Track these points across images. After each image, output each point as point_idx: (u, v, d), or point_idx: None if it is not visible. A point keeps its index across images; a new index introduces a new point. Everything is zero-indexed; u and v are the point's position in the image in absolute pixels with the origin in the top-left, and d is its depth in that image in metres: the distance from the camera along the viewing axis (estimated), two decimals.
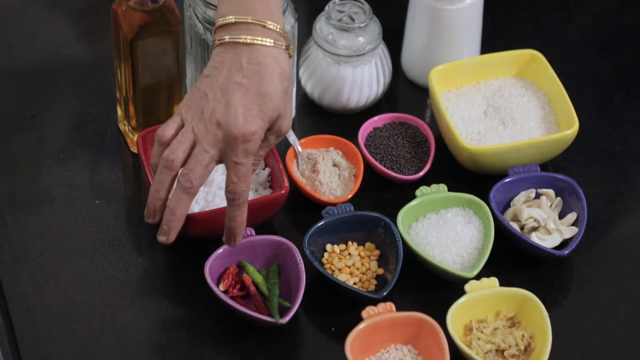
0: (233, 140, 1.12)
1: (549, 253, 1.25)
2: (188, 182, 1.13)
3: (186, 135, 1.14)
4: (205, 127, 1.13)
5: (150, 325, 1.20)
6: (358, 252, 1.26)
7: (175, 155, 1.14)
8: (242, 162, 1.13)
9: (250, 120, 1.12)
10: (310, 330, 1.21)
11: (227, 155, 1.13)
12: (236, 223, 1.16)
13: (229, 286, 1.22)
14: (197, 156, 1.13)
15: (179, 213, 1.15)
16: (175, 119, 1.16)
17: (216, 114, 1.13)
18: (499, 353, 1.18)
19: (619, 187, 1.35)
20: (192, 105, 1.15)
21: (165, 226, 1.16)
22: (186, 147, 1.14)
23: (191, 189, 1.14)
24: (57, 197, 1.31)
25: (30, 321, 1.19)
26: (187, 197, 1.14)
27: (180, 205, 1.14)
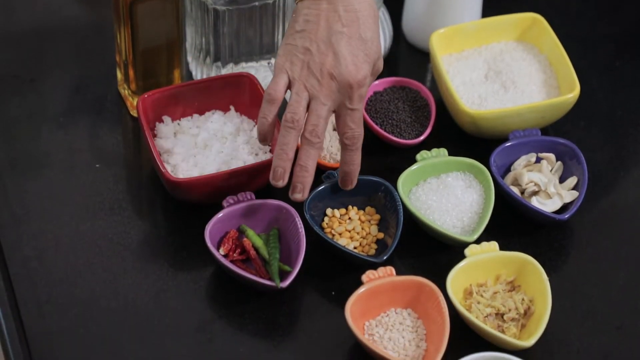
0: (348, 89, 1.15)
1: (549, 217, 1.25)
2: (316, 137, 1.16)
3: (301, 94, 1.16)
4: (318, 81, 1.15)
5: (150, 289, 1.20)
6: (358, 216, 1.27)
7: (299, 115, 1.16)
8: (357, 107, 1.17)
9: (360, 66, 1.16)
10: (310, 294, 1.21)
11: (342, 104, 1.16)
12: (354, 166, 1.20)
13: (229, 250, 1.22)
14: (317, 111, 1.16)
15: (311, 168, 1.17)
16: (281, 77, 1.18)
17: (326, 66, 1.15)
18: (499, 317, 1.18)
19: (620, 151, 1.35)
20: (294, 61, 1.17)
21: (299, 184, 1.17)
22: (304, 105, 1.16)
23: (319, 143, 1.17)
24: (57, 161, 1.31)
25: (31, 285, 1.20)
26: (316, 152, 1.17)
27: (310, 160, 1.17)
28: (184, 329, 1.17)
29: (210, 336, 1.17)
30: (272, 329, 1.18)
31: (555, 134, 1.34)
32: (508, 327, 1.17)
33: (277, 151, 1.17)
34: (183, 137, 1.30)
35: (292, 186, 1.18)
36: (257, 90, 1.31)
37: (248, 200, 1.24)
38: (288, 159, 1.17)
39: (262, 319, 1.19)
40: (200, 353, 1.15)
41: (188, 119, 1.32)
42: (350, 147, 1.19)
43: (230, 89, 1.33)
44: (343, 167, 1.21)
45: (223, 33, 1.33)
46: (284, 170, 1.17)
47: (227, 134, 1.30)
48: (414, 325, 1.18)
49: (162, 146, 1.28)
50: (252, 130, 1.32)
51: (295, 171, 1.18)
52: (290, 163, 1.17)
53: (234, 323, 1.18)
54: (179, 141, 1.29)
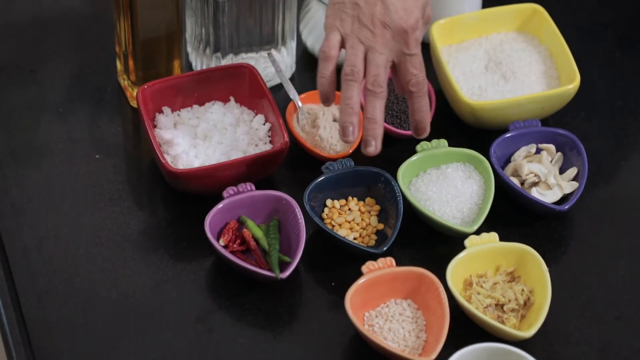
0: (403, 35, 1.16)
1: (549, 208, 1.25)
2: (378, 86, 1.16)
3: (356, 47, 1.16)
4: (371, 32, 1.16)
5: (150, 280, 1.20)
6: (358, 207, 1.26)
7: (358, 67, 1.16)
8: (416, 52, 1.17)
9: (410, 10, 1.16)
10: (310, 285, 1.21)
11: (400, 51, 1.17)
12: (424, 112, 1.19)
13: (229, 241, 1.22)
14: (375, 60, 1.16)
15: (379, 118, 1.17)
16: (333, 35, 1.18)
17: (377, 16, 1.16)
18: (499, 307, 1.18)
19: (620, 141, 1.35)
20: (344, 18, 1.17)
21: (370, 137, 1.17)
22: (361, 57, 1.16)
23: (383, 92, 1.17)
24: (57, 151, 1.31)
25: (30, 275, 1.20)
26: (381, 102, 1.17)
27: (377, 111, 1.17)
28: (184, 319, 1.17)
29: (210, 327, 1.17)
30: (272, 320, 1.18)
31: (555, 125, 1.34)
32: (508, 318, 1.17)
33: (342, 107, 1.17)
34: (183, 127, 1.30)
35: (363, 141, 1.18)
36: (257, 81, 1.31)
37: (248, 191, 1.24)
38: (354, 112, 1.17)
39: (262, 310, 1.19)
40: (199, 343, 1.16)
41: (188, 110, 1.32)
42: (416, 94, 1.18)
43: (230, 79, 1.32)
44: (414, 116, 1.20)
45: (223, 23, 1.32)
46: (353, 125, 1.17)
47: (227, 125, 1.30)
48: (414, 316, 1.18)
49: (162, 137, 1.28)
50: (252, 121, 1.32)
51: (365, 125, 1.17)
52: (357, 117, 1.17)
53: (234, 314, 1.18)
54: (179, 132, 1.29)
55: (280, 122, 1.28)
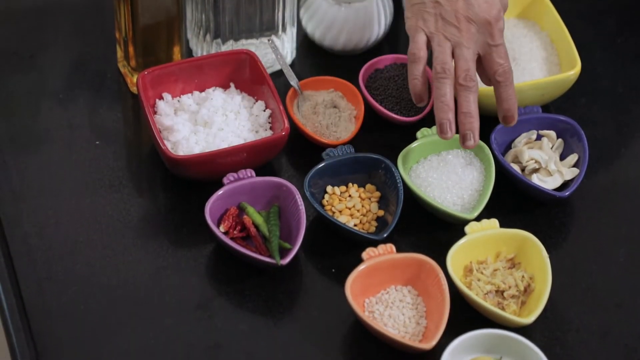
0: (488, 27, 1.17)
1: (550, 194, 1.25)
2: (471, 80, 1.17)
3: (443, 44, 1.17)
4: (456, 28, 1.17)
5: (150, 266, 1.21)
6: (358, 193, 1.26)
7: (448, 64, 1.17)
8: (500, 42, 1.19)
9: (491, 2, 1.18)
10: (310, 271, 1.21)
11: (485, 43, 1.18)
12: (512, 101, 1.20)
13: (230, 227, 1.22)
14: (464, 55, 1.17)
15: (474, 112, 1.18)
16: (419, 35, 1.19)
17: (460, 11, 1.17)
18: (499, 294, 1.18)
19: (621, 128, 1.35)
20: (426, 18, 1.18)
21: (468, 132, 1.18)
22: (449, 53, 1.18)
23: (475, 85, 1.18)
24: (57, 137, 1.31)
25: (30, 261, 1.20)
26: (474, 95, 1.18)
27: (472, 105, 1.18)
28: (184, 305, 1.17)
29: (210, 313, 1.17)
30: (272, 306, 1.18)
31: (556, 111, 1.34)
32: (508, 304, 1.17)
33: (437, 104, 1.18)
34: (183, 114, 1.30)
35: (461, 135, 1.18)
36: (258, 67, 1.31)
37: (248, 178, 1.24)
38: (450, 109, 1.17)
39: (262, 296, 1.19)
40: (200, 330, 1.16)
41: (188, 96, 1.32)
42: (504, 83, 1.19)
43: (230, 66, 1.32)
44: (502, 105, 1.20)
45: (223, 9, 1.32)
46: (450, 121, 1.17)
47: (227, 112, 1.30)
48: (414, 303, 1.18)
49: (162, 123, 1.28)
50: (253, 107, 1.31)
51: (460, 120, 1.18)
52: (453, 113, 1.18)
53: (234, 300, 1.18)
54: (179, 118, 1.29)
55: (281, 109, 1.27)
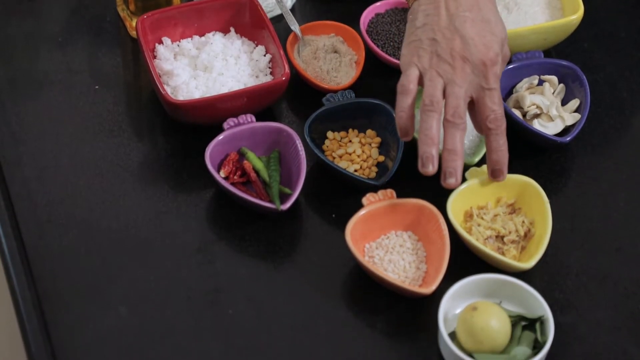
0: (483, 69, 1.13)
1: (551, 140, 1.24)
2: (458, 117, 1.13)
3: (435, 80, 1.13)
4: (450, 66, 1.13)
5: (151, 211, 1.21)
6: (359, 139, 1.26)
7: (437, 97, 1.13)
8: (495, 86, 1.14)
9: (489, 45, 1.14)
10: (310, 216, 1.21)
11: (479, 86, 1.14)
12: (502, 153, 1.15)
13: (230, 172, 1.22)
14: (455, 93, 1.13)
15: (459, 150, 1.13)
16: (411, 70, 1.15)
17: (456, 50, 1.13)
18: (499, 239, 1.18)
19: (623, 73, 1.34)
20: (421, 54, 1.14)
21: (450, 169, 1.13)
22: (440, 88, 1.13)
23: (463, 124, 1.13)
24: (56, 81, 1.30)
25: (31, 204, 1.20)
26: (461, 134, 1.13)
27: (457, 143, 1.13)
28: (184, 250, 1.18)
29: (211, 257, 1.17)
30: (273, 251, 1.18)
31: (558, 56, 1.33)
32: (508, 249, 1.17)
33: (421, 137, 1.13)
34: (183, 59, 1.29)
35: (442, 172, 1.14)
36: (258, 12, 1.30)
37: (249, 123, 1.23)
38: (433, 143, 1.13)
39: (263, 241, 1.19)
40: (200, 274, 1.16)
41: (188, 41, 1.31)
42: (495, 131, 1.14)
43: (230, 10, 1.31)
44: (491, 156, 1.15)
45: None
46: (432, 156, 1.13)
47: (227, 56, 1.30)
48: (414, 248, 1.18)
49: (162, 68, 1.27)
50: (253, 52, 1.31)
51: (444, 156, 1.13)
52: (436, 147, 1.13)
53: (235, 245, 1.19)
54: (179, 63, 1.28)
55: (281, 54, 1.27)
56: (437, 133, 1.13)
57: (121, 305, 1.13)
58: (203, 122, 1.25)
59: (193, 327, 1.12)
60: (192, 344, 1.11)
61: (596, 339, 1.12)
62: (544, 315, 1.10)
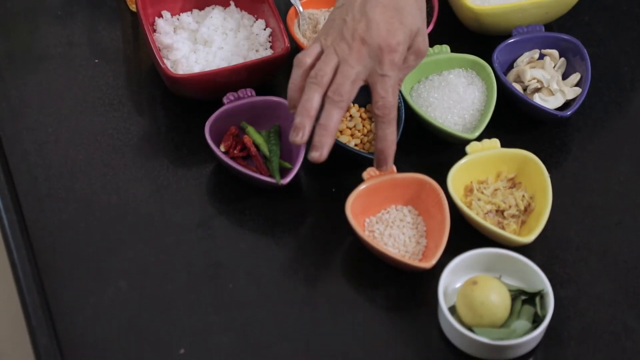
0: (379, 53, 1.12)
1: (552, 114, 1.24)
2: (338, 95, 1.11)
3: (329, 56, 1.12)
4: (348, 46, 1.12)
5: (151, 185, 1.21)
6: (359, 113, 1.26)
7: (324, 72, 1.12)
8: (389, 74, 1.12)
9: (393, 32, 1.12)
10: (311, 191, 1.21)
11: (373, 70, 1.12)
12: (387, 142, 1.13)
13: (230, 147, 1.21)
14: (344, 72, 1.12)
15: (331, 128, 1.11)
16: (314, 46, 1.14)
17: (358, 31, 1.12)
18: (499, 213, 1.18)
19: (624, 47, 1.34)
20: (329, 32, 1.14)
21: (317, 143, 1.11)
22: (332, 66, 1.12)
23: (341, 102, 1.11)
24: (56, 55, 1.30)
25: (31, 178, 1.20)
26: (338, 112, 1.11)
27: (331, 120, 1.11)
28: (185, 224, 1.18)
29: (211, 232, 1.17)
30: (273, 226, 1.18)
31: (559, 30, 1.33)
32: (508, 224, 1.17)
33: (299, 108, 1.12)
34: (183, 32, 1.29)
35: (311, 145, 1.12)
36: None
37: (249, 97, 1.23)
38: (309, 115, 1.11)
39: (263, 216, 1.19)
40: (200, 248, 1.16)
41: (188, 14, 1.31)
42: (381, 119, 1.12)
43: None
44: (376, 144, 1.13)
45: None
46: (304, 126, 1.11)
47: (227, 30, 1.29)
48: (415, 222, 1.18)
49: (162, 42, 1.27)
50: (253, 26, 1.30)
51: (316, 130, 1.12)
52: (311, 120, 1.12)
53: (235, 219, 1.19)
54: (179, 37, 1.28)
55: (281, 28, 1.26)
56: (316, 106, 1.11)
57: (121, 279, 1.13)
58: (203, 97, 1.25)
59: (193, 301, 1.12)
60: (193, 318, 1.11)
61: (596, 312, 1.12)
62: (543, 289, 1.10)
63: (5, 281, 1.18)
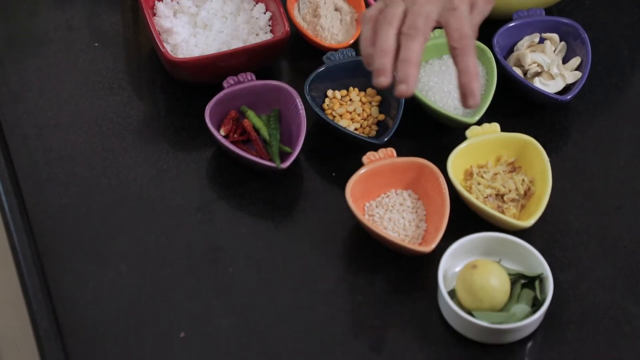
0: None
1: (552, 98, 1.24)
2: (414, 29, 1.07)
3: (396, 2, 1.09)
4: None
5: (151, 169, 1.21)
6: (359, 97, 1.26)
7: (393, 13, 1.08)
8: (460, 7, 1.08)
9: None
10: (311, 175, 1.21)
11: (444, 8, 1.08)
12: (470, 74, 1.07)
13: (230, 131, 1.21)
14: (415, 11, 1.08)
15: (413, 59, 1.07)
16: (377, 3, 1.10)
17: None
18: (499, 197, 1.18)
19: (624, 31, 1.34)
20: None
21: (402, 76, 1.06)
22: (401, 9, 1.08)
23: (418, 35, 1.07)
24: (56, 39, 1.30)
25: (31, 162, 1.20)
26: (417, 44, 1.07)
27: (412, 52, 1.07)
28: (185, 208, 1.18)
29: (211, 216, 1.17)
30: (273, 210, 1.18)
31: (560, 14, 1.33)
32: (508, 208, 1.17)
33: (376, 51, 1.07)
34: (183, 16, 1.29)
35: (396, 81, 1.07)
36: None
37: (249, 81, 1.23)
38: (387, 55, 1.07)
39: (263, 200, 1.19)
40: (200, 232, 1.16)
41: None
42: (460, 50, 1.07)
43: None
44: (460, 79, 1.07)
45: None
46: (385, 68, 1.07)
47: (227, 14, 1.29)
48: (414, 206, 1.18)
49: (162, 25, 1.27)
50: (253, 9, 1.30)
51: (397, 66, 1.07)
52: (391, 59, 1.07)
53: (235, 203, 1.19)
54: (179, 20, 1.28)
55: (281, 11, 1.26)
56: (392, 44, 1.07)
57: (121, 263, 1.13)
58: (203, 80, 1.25)
59: (193, 285, 1.12)
60: (192, 302, 1.11)
61: (595, 297, 1.13)
62: (543, 273, 1.10)
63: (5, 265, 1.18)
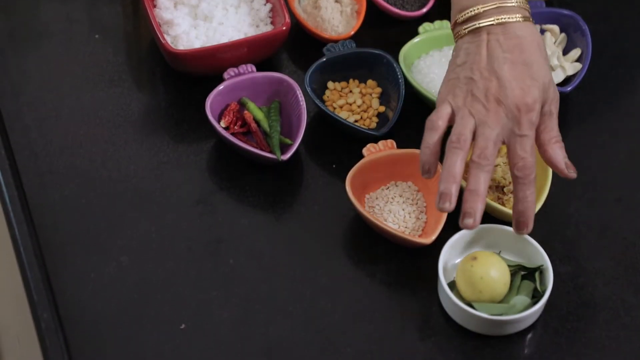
0: (516, 113, 1.08)
1: None
2: (484, 159, 1.08)
3: (466, 119, 1.09)
4: (484, 107, 1.08)
5: (151, 161, 1.21)
6: (359, 89, 1.26)
7: (465, 135, 1.08)
8: (528, 134, 1.09)
9: (527, 90, 1.08)
10: (311, 167, 1.22)
11: (511, 131, 1.09)
12: (528, 204, 1.09)
13: (230, 123, 1.22)
14: (485, 134, 1.08)
15: (481, 192, 1.08)
16: (443, 107, 1.10)
17: (492, 91, 1.08)
18: (499, 189, 1.19)
19: (625, 22, 1.34)
20: (457, 93, 1.10)
21: (470, 209, 1.07)
22: (470, 128, 1.09)
23: (488, 166, 1.08)
24: (56, 31, 1.30)
25: (32, 154, 1.20)
26: (485, 175, 1.08)
27: (480, 184, 1.08)
28: (185, 200, 1.18)
29: (212, 208, 1.17)
30: (273, 202, 1.18)
31: (560, 5, 1.32)
32: (508, 200, 1.17)
33: (443, 173, 1.08)
34: (183, 8, 1.29)
35: (462, 212, 1.08)
36: None
37: (249, 73, 1.23)
38: (455, 180, 1.08)
39: (263, 192, 1.19)
40: (201, 224, 1.16)
41: None
42: (522, 180, 1.08)
43: None
44: (516, 206, 1.09)
45: None
46: (451, 193, 1.07)
47: (228, 6, 1.29)
48: (414, 198, 1.18)
49: (162, 17, 1.27)
50: (253, 1, 1.30)
51: (465, 196, 1.08)
52: (457, 186, 1.08)
53: (235, 195, 1.19)
54: (179, 12, 1.28)
55: (282, 3, 1.26)
56: (460, 171, 1.09)
57: (122, 255, 1.14)
58: (203, 72, 1.25)
59: (194, 277, 1.13)
60: (193, 294, 1.12)
61: (595, 288, 1.13)
62: (543, 264, 1.10)
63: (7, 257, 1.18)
